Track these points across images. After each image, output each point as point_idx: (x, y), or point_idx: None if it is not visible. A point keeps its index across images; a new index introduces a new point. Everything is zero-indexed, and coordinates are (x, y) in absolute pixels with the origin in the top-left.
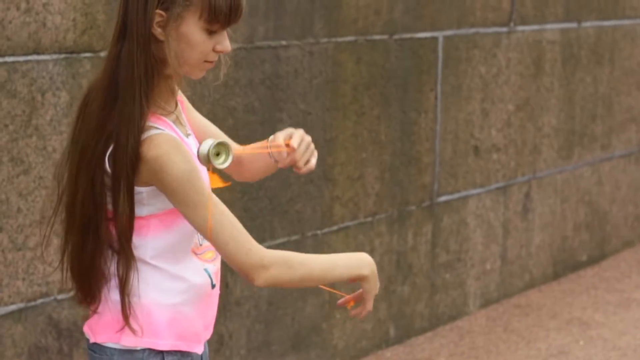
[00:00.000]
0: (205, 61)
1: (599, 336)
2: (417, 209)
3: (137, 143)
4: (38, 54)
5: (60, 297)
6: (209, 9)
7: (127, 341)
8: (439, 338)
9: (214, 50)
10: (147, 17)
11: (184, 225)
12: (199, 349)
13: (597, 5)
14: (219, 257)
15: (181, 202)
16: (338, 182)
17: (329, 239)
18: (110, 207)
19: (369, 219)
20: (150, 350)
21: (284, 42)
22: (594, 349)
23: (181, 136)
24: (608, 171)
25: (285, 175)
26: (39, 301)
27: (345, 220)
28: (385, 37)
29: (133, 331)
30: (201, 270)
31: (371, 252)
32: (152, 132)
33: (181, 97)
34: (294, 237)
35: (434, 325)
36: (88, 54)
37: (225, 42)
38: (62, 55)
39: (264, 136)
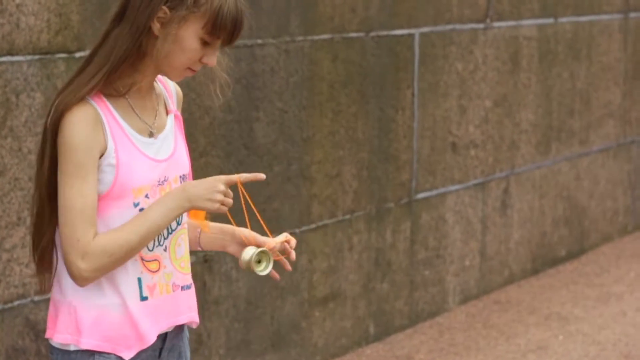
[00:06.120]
0: (189, 68)
1: (578, 331)
2: (396, 206)
3: (66, 107)
4: (12, 55)
5: (37, 298)
6: (213, 21)
7: (59, 338)
8: (418, 335)
9: (200, 60)
10: (150, 9)
11: (110, 219)
12: (126, 354)
13: (573, 1)
14: (169, 270)
15: (61, 167)
16: (316, 180)
17: (307, 237)
18: None
19: (347, 216)
20: (83, 351)
21: (259, 41)
22: (573, 344)
23: (121, 124)
24: (586, 166)
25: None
26: (16, 303)
27: (323, 218)
28: (361, 34)
29: (60, 328)
30: (132, 279)
31: (350, 250)
32: (81, 103)
33: (178, 113)
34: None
35: (413, 322)
36: (62, 55)
37: (212, 57)
38: (36, 56)
39: (240, 135)
